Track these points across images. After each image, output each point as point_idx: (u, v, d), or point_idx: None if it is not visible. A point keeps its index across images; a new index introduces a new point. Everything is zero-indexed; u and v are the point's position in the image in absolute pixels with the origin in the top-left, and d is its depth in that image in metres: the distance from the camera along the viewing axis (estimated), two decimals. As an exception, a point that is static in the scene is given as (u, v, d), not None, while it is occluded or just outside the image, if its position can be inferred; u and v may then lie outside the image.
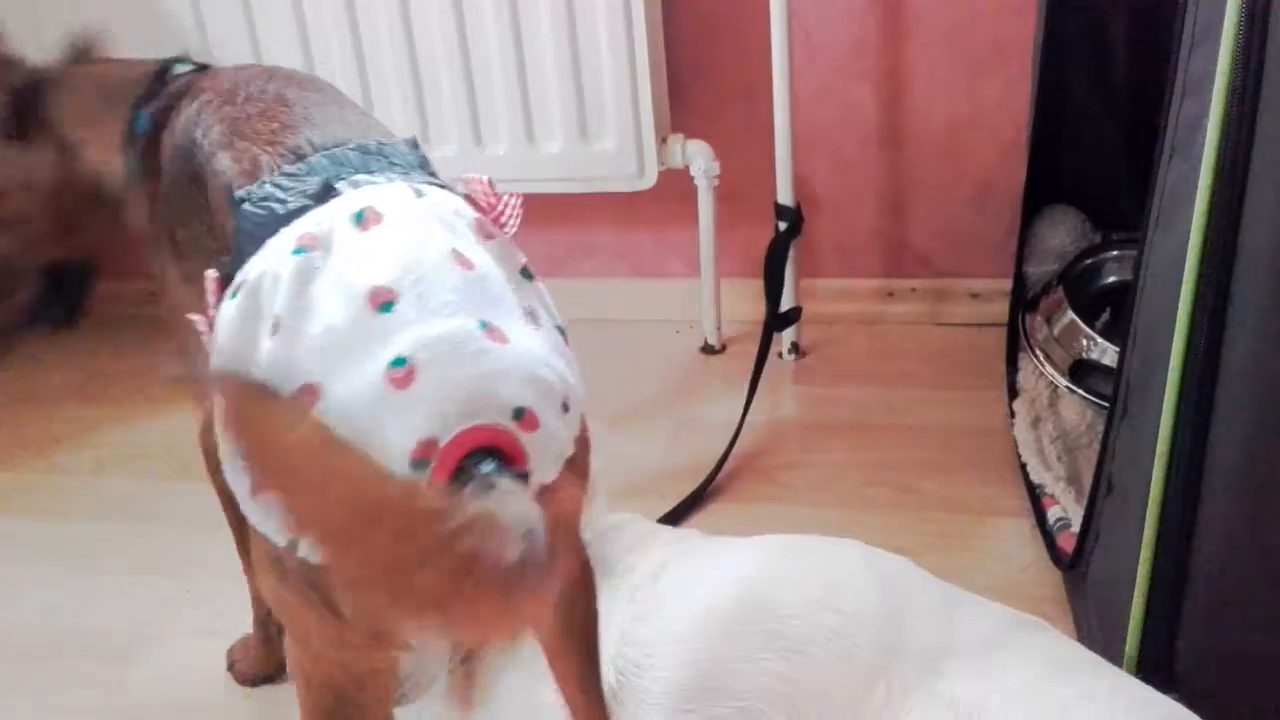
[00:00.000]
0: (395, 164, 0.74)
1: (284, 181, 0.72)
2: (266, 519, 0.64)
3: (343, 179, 0.71)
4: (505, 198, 0.75)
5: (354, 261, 0.65)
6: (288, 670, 0.75)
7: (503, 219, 0.74)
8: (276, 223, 0.69)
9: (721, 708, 0.93)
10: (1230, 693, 0.97)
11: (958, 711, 0.88)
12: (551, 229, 2.00)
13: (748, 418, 1.58)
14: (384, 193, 0.70)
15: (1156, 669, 0.98)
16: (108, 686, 1.27)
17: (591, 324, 2.00)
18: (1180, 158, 0.90)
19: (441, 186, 0.74)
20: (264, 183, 0.73)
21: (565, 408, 0.67)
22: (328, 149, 0.75)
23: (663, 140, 1.77)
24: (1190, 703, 0.90)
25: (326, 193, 0.70)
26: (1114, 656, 1.00)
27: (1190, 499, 0.92)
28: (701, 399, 1.79)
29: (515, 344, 0.65)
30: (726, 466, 1.54)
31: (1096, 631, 1.10)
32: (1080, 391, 1.47)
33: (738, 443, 1.56)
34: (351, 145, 0.75)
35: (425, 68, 1.75)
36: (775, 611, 0.96)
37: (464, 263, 0.67)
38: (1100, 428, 1.26)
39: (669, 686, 0.94)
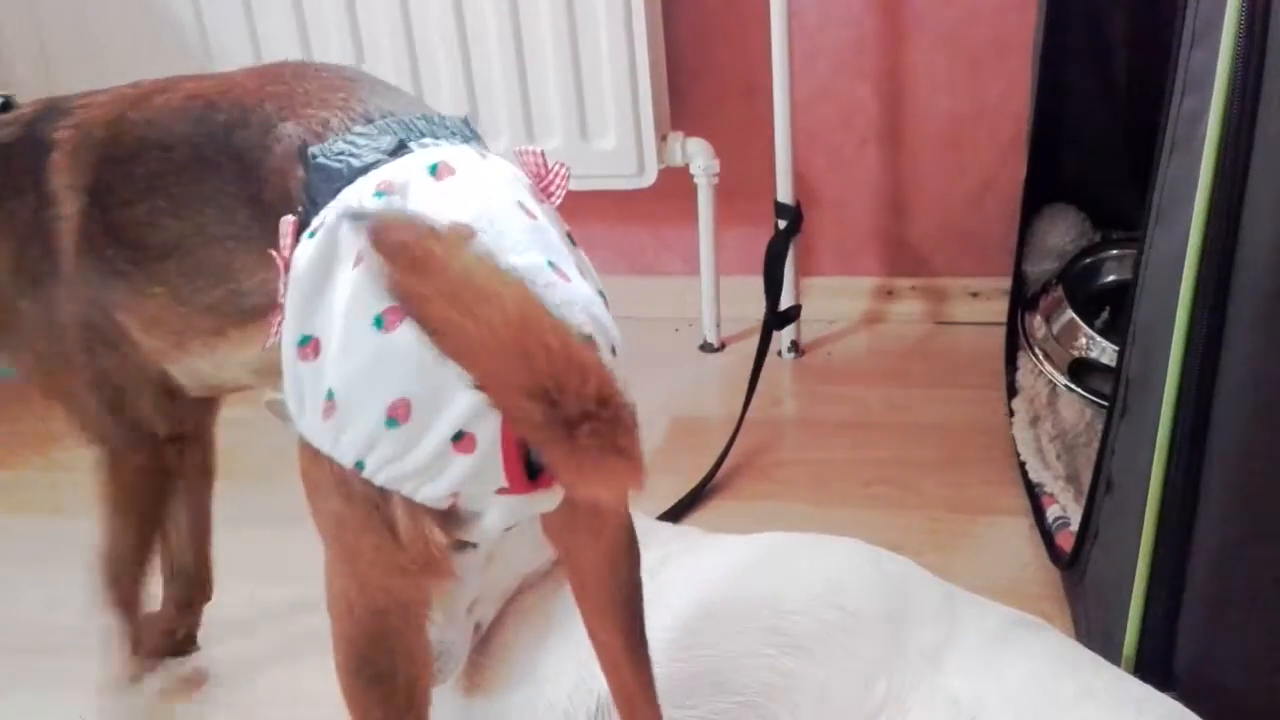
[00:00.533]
0: (455, 134, 0.79)
1: (357, 139, 0.77)
2: (337, 441, 0.68)
3: (413, 140, 0.76)
4: (555, 167, 0.80)
5: (433, 203, 0.69)
6: (327, 605, 0.78)
7: (551, 189, 0.79)
8: (353, 174, 0.74)
9: (724, 702, 0.93)
10: (1228, 691, 0.97)
11: (958, 708, 0.88)
12: (551, 227, 2.00)
13: (747, 416, 1.58)
14: (454, 151, 0.75)
15: (1155, 668, 0.98)
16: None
17: (591, 322, 2.00)
18: (1180, 154, 0.90)
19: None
20: (337, 139, 0.77)
21: (614, 351, 0.72)
22: (395, 117, 0.80)
23: (662, 138, 1.77)
24: (1188, 701, 0.90)
25: (400, 149, 0.75)
26: (1112, 655, 1.00)
27: (1189, 497, 0.92)
28: (701, 397, 1.79)
29: (575, 284, 0.71)
30: (726, 464, 1.54)
31: (1095, 630, 1.10)
32: (1079, 390, 1.47)
33: (737, 440, 1.56)
34: (418, 115, 0.80)
35: (425, 65, 1.75)
36: (777, 607, 0.96)
37: (529, 213, 0.72)
38: (1099, 426, 1.26)
39: (671, 682, 0.94)
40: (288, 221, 0.75)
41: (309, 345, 0.70)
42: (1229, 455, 0.90)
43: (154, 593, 1.30)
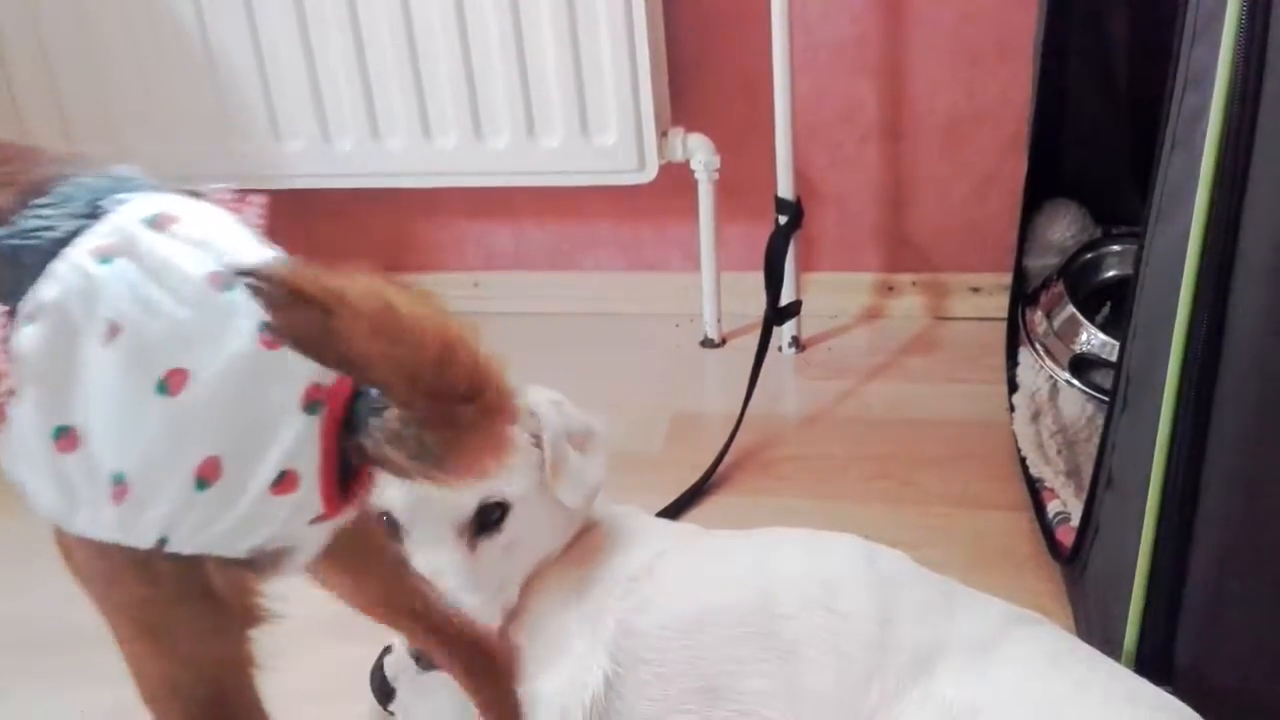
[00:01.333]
0: (143, 186, 0.74)
1: (45, 212, 0.71)
2: (130, 530, 0.65)
3: (103, 199, 0.71)
4: (250, 200, 0.77)
5: (177, 257, 0.67)
6: (145, 700, 0.75)
7: (247, 222, 0.76)
8: (54, 246, 0.69)
9: (721, 711, 0.93)
10: (1227, 687, 0.97)
11: (954, 707, 0.88)
12: (552, 222, 2.00)
13: (747, 411, 1.58)
14: (163, 200, 0.71)
15: (1155, 663, 0.98)
16: (119, 679, 1.27)
17: (592, 317, 2.00)
18: (1181, 150, 0.90)
19: None
20: (21, 218, 0.71)
21: None
22: (73, 180, 0.74)
23: (663, 134, 1.77)
24: (1187, 697, 0.90)
25: (95, 211, 0.70)
26: (1113, 651, 1.00)
27: (1190, 492, 0.92)
28: (701, 393, 1.79)
29: None
30: (726, 460, 1.54)
31: (1095, 625, 1.10)
32: (1080, 385, 1.47)
33: (737, 436, 1.56)
34: (100, 173, 0.75)
35: (425, 60, 1.75)
36: (772, 611, 0.96)
37: (268, 245, 0.71)
38: (1100, 421, 1.26)
39: (665, 684, 0.94)
40: (2, 311, 0.69)
41: (68, 436, 0.66)
42: (1230, 451, 0.90)
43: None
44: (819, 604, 0.95)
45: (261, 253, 0.69)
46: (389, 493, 0.93)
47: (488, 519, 0.95)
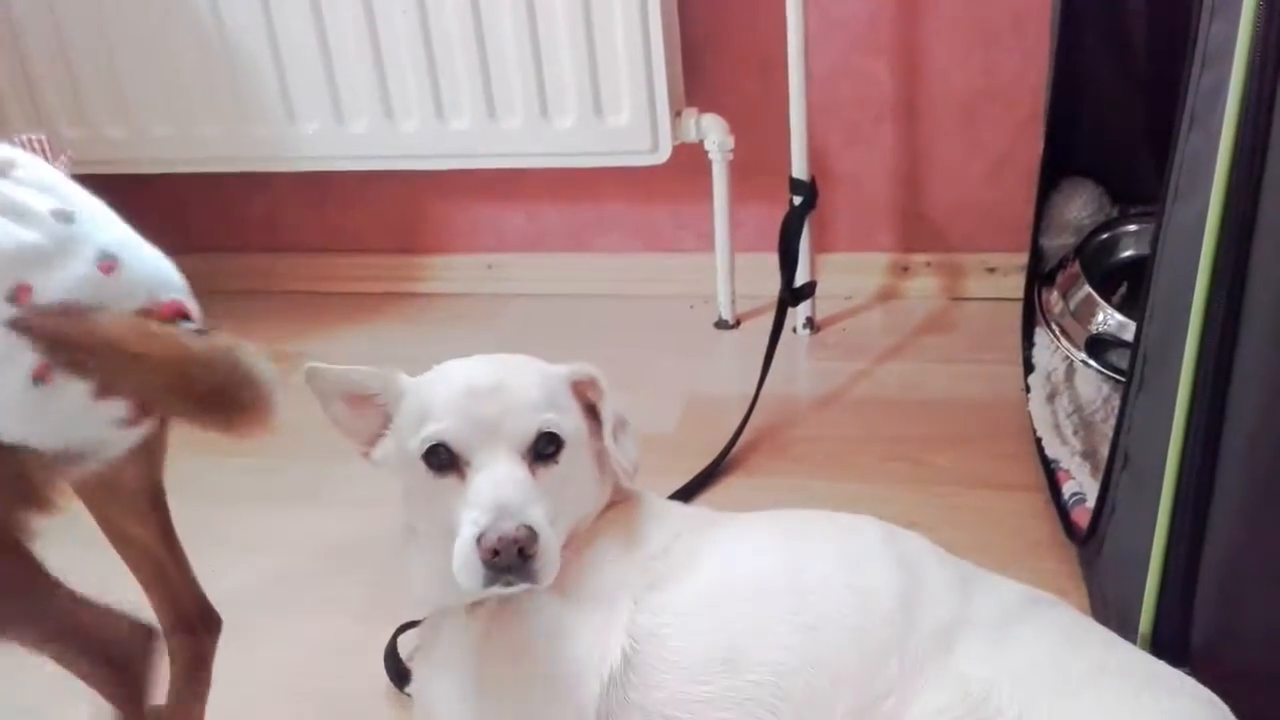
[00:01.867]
0: None
1: None
2: None
3: None
4: (61, 157, 0.88)
5: (21, 195, 0.78)
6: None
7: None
8: None
9: (737, 680, 0.93)
10: (1243, 667, 0.97)
11: (968, 688, 0.88)
12: (565, 203, 2.00)
13: (762, 393, 1.58)
14: None
15: (1171, 644, 0.98)
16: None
17: (606, 299, 2.00)
18: (1199, 129, 0.89)
19: None
20: None
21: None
22: None
23: (677, 114, 1.77)
24: (1203, 677, 0.89)
25: None
26: (1129, 631, 1.00)
27: (1206, 472, 0.92)
28: (715, 374, 1.79)
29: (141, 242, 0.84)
30: (741, 441, 1.54)
31: (1111, 606, 1.10)
32: (1096, 366, 1.46)
33: (752, 418, 1.56)
34: None
35: (439, 42, 1.75)
36: (790, 588, 0.96)
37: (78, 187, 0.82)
38: (1116, 402, 1.26)
39: (686, 658, 0.95)
40: None
41: None
42: (1247, 429, 0.90)
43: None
44: (840, 580, 0.95)
45: (81, 188, 0.81)
46: (441, 425, 0.94)
47: (544, 450, 0.96)
